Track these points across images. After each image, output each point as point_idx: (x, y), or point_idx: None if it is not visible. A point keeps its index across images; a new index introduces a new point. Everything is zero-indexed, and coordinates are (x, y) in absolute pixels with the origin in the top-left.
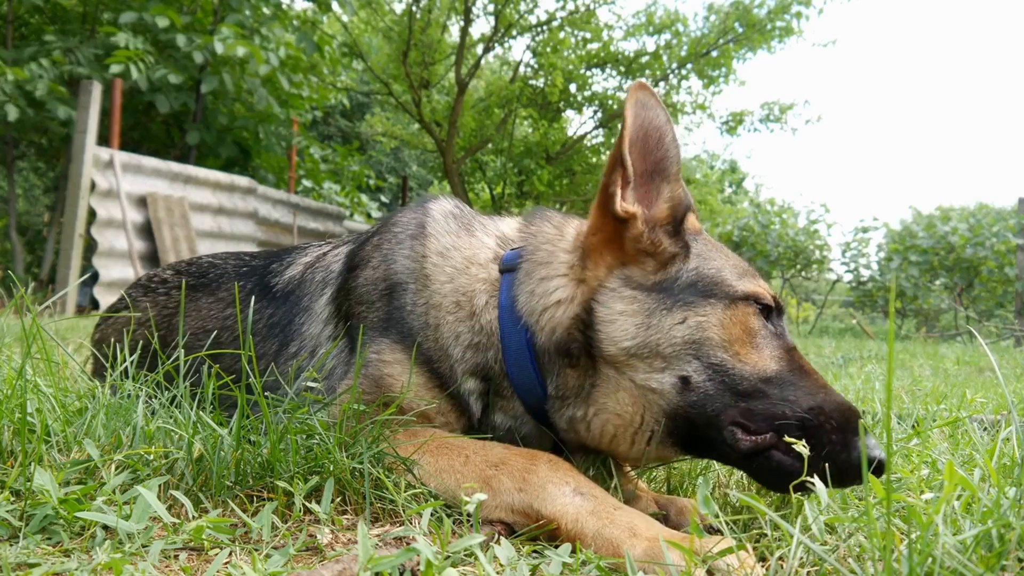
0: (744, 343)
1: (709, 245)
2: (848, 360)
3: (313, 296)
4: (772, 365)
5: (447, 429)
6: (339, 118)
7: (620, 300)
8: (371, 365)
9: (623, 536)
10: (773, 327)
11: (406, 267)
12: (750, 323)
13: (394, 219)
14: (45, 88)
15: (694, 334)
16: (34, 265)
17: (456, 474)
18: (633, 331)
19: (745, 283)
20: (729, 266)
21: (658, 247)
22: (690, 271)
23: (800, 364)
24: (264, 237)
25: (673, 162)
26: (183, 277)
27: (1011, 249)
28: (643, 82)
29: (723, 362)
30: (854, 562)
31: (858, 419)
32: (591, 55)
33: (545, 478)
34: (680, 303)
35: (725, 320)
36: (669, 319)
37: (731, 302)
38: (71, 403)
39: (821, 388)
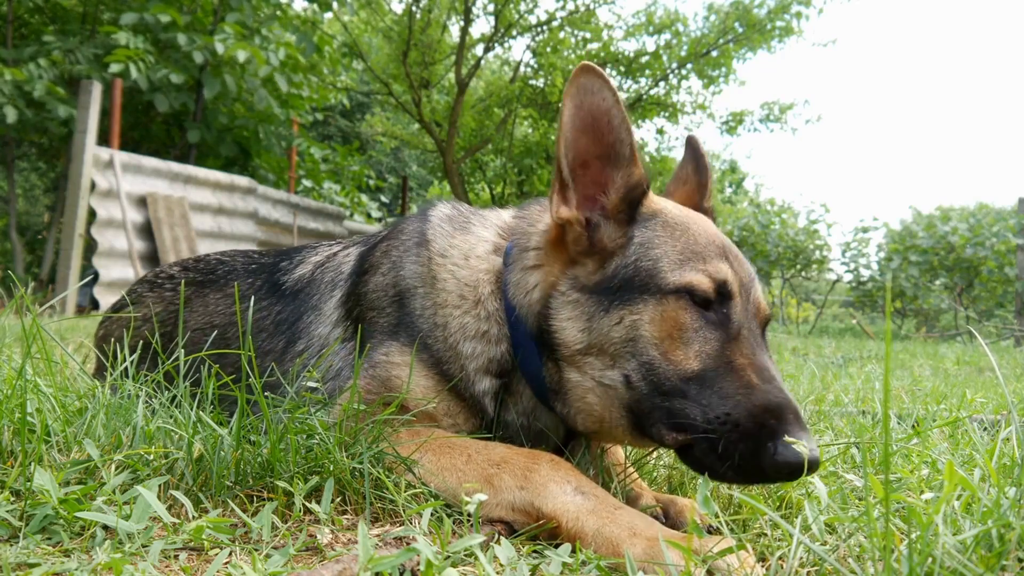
0: (674, 340)
1: (659, 229)
2: (848, 360)
3: (323, 296)
4: (695, 364)
5: (454, 431)
6: (339, 118)
7: (567, 305)
8: (380, 366)
9: (623, 535)
10: (714, 317)
11: (414, 272)
12: (680, 319)
13: (400, 227)
14: (44, 88)
15: (629, 333)
16: (34, 265)
17: (458, 473)
18: (579, 336)
19: (681, 273)
20: (672, 253)
21: (597, 246)
22: (627, 266)
23: (729, 360)
24: (264, 237)
25: (625, 145)
26: (190, 273)
27: (1011, 249)
28: (588, 64)
29: (652, 360)
30: (854, 562)
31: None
32: (591, 55)
33: (547, 477)
34: (617, 302)
35: (656, 317)
36: (607, 320)
37: (662, 297)
38: (71, 403)
39: (742, 389)
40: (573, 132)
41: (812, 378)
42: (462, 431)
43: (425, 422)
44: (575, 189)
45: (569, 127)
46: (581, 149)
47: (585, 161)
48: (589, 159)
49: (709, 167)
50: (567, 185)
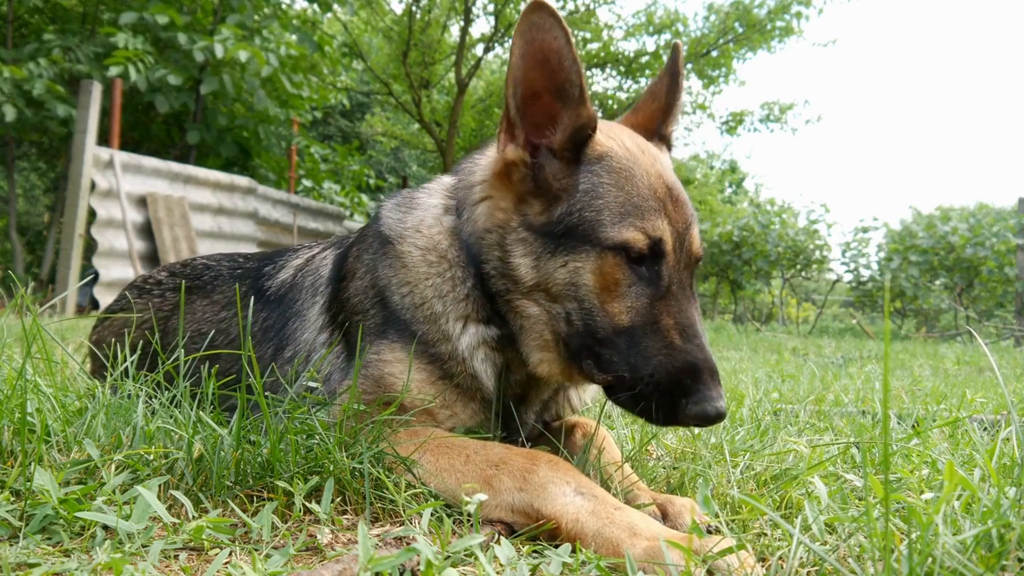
0: (610, 292)
1: (605, 175)
2: (848, 360)
3: (305, 302)
4: (626, 319)
5: (454, 423)
6: (339, 118)
7: (519, 242)
8: (371, 365)
9: (623, 536)
10: (646, 273)
11: (385, 269)
12: (616, 274)
13: (364, 232)
14: (43, 87)
15: (572, 278)
16: (34, 265)
17: (457, 473)
18: (530, 272)
19: (620, 229)
20: (613, 206)
21: (543, 186)
22: (572, 215)
23: (656, 319)
24: (264, 237)
25: (574, 86)
26: (178, 279)
27: (1011, 249)
28: (542, 2)
29: (591, 308)
30: (854, 562)
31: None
32: (591, 55)
33: (546, 478)
34: (562, 248)
35: (595, 269)
36: (553, 263)
37: (602, 251)
38: (71, 403)
39: (664, 349)
40: (523, 69)
41: (812, 378)
42: (463, 422)
43: (422, 418)
44: (522, 127)
45: (519, 64)
46: (531, 86)
47: (535, 93)
48: (539, 93)
49: (682, 87)
50: (514, 123)
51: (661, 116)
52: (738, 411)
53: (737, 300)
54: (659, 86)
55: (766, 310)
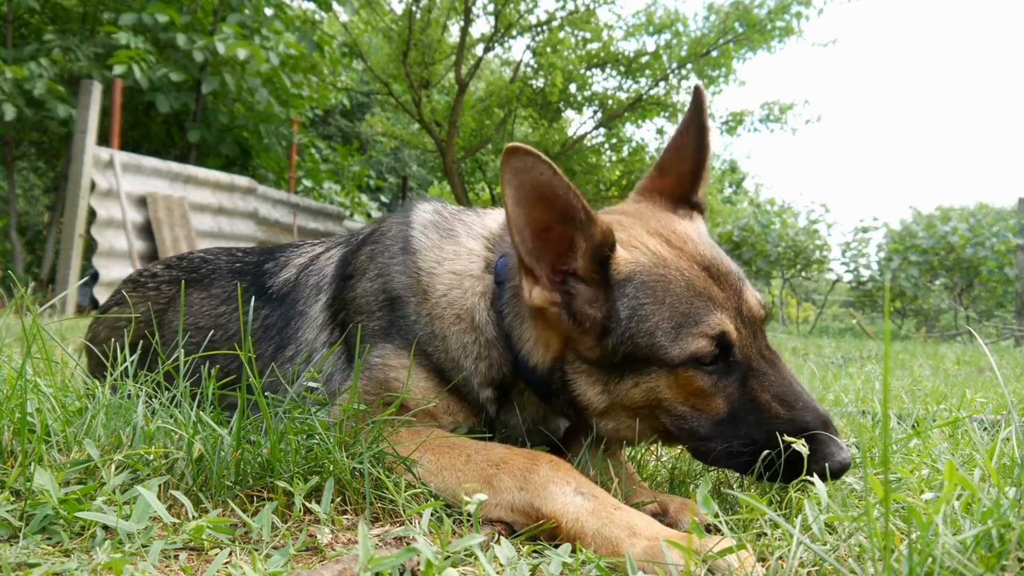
0: (697, 397)
1: (642, 295)
2: (848, 360)
3: (308, 301)
4: (724, 408)
5: (454, 427)
6: (339, 118)
7: (580, 374)
8: (376, 368)
9: (623, 535)
10: (724, 366)
11: (403, 283)
12: (696, 383)
13: (382, 229)
14: (44, 87)
15: (650, 396)
16: (34, 265)
17: (457, 473)
18: (600, 398)
19: (681, 345)
20: (664, 324)
21: (584, 323)
22: (624, 343)
23: (753, 398)
24: (264, 237)
25: (578, 210)
26: (174, 271)
27: (1011, 249)
28: (514, 145)
29: (683, 415)
30: (854, 562)
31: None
32: (591, 55)
33: (546, 477)
34: (628, 372)
35: (672, 384)
36: (623, 385)
37: (672, 370)
38: (71, 403)
39: (772, 420)
40: (521, 213)
41: (812, 378)
42: (462, 427)
43: (425, 420)
44: (540, 267)
45: (516, 210)
46: (536, 223)
47: (546, 227)
48: (548, 226)
49: (710, 143)
50: (531, 268)
51: (690, 181)
52: None
53: None
54: (683, 140)
55: None
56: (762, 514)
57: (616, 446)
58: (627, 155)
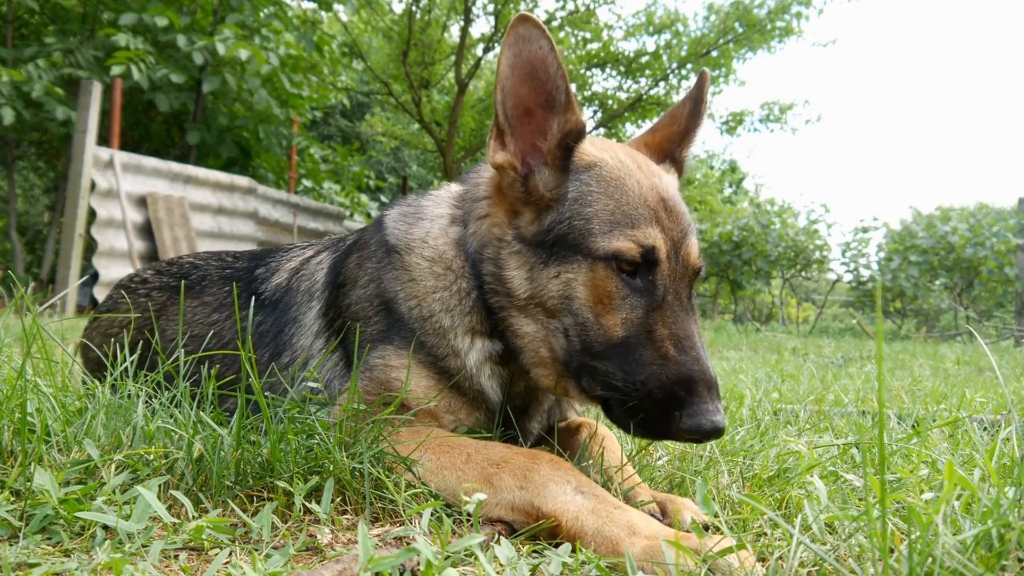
0: (604, 305)
1: (594, 184)
2: (848, 360)
3: (300, 307)
4: (620, 331)
5: (456, 424)
6: (339, 118)
7: (513, 255)
8: (377, 369)
9: (623, 534)
10: (639, 284)
11: (392, 278)
12: (608, 286)
13: (365, 237)
14: (42, 89)
15: (564, 290)
16: (34, 265)
17: (458, 472)
18: (524, 284)
19: (611, 239)
20: (603, 214)
21: (533, 193)
22: (562, 223)
23: (650, 330)
24: (264, 237)
25: (561, 91)
26: (164, 277)
27: (1011, 249)
28: (525, 14)
29: (585, 322)
30: (854, 562)
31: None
32: (591, 55)
33: (547, 476)
34: (554, 258)
35: (588, 280)
36: (545, 274)
37: (594, 261)
38: (71, 403)
39: (658, 360)
40: (511, 79)
41: (812, 378)
42: (463, 427)
43: (426, 420)
44: (514, 136)
45: (508, 74)
46: (521, 97)
47: (528, 109)
48: (531, 107)
49: (704, 114)
50: (503, 131)
51: (678, 139)
52: (738, 411)
53: (737, 300)
54: (680, 110)
55: (766, 310)
56: (762, 514)
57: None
58: None
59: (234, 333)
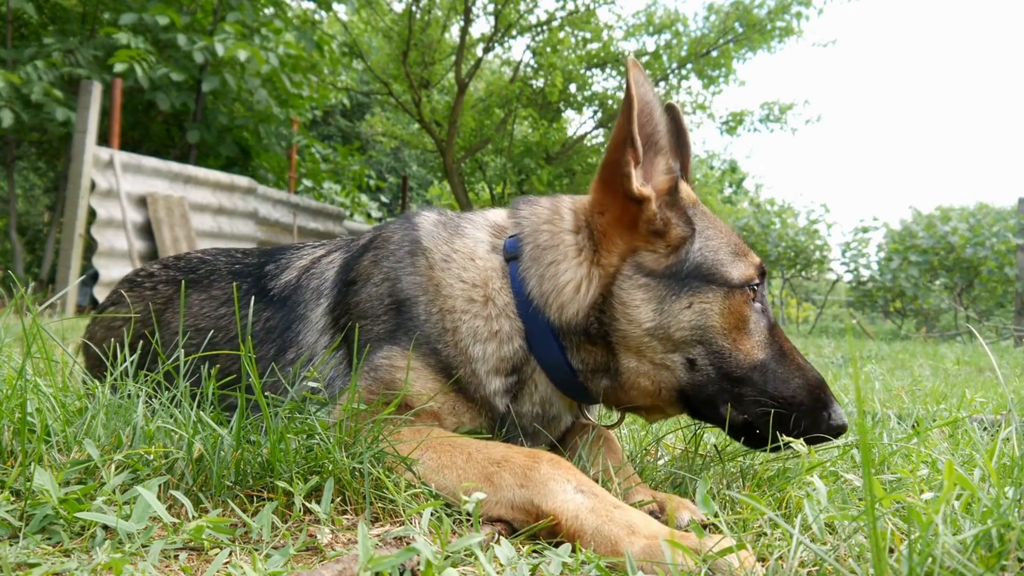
0: (740, 331)
1: (707, 219)
2: (848, 360)
3: (309, 304)
4: (760, 354)
5: (458, 426)
6: (339, 118)
7: (638, 288)
8: (382, 369)
9: (622, 534)
10: (759, 306)
11: (413, 283)
12: (745, 312)
13: (385, 235)
14: (41, 91)
15: (698, 320)
16: (34, 265)
17: (458, 470)
18: (650, 315)
19: (740, 267)
20: (725, 246)
21: (669, 228)
22: (695, 254)
23: (781, 346)
24: (264, 237)
25: (662, 134)
26: (171, 271)
27: (1011, 249)
28: (636, 60)
29: (722, 350)
30: (854, 562)
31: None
32: (591, 55)
33: (547, 475)
34: (687, 288)
35: (724, 309)
36: (677, 304)
37: (730, 290)
38: (71, 403)
39: (796, 371)
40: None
41: None
42: (465, 427)
43: (428, 420)
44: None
45: (639, 106)
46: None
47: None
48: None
49: (690, 143)
50: (640, 162)
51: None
52: None
53: None
54: None
55: None
56: (762, 514)
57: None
58: None
59: (242, 330)
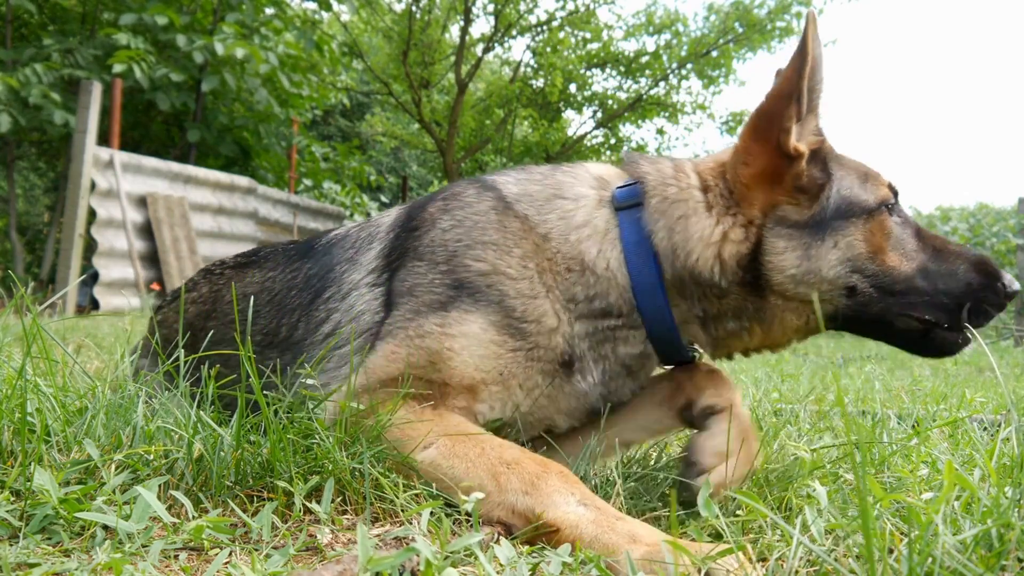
0: (887, 249)
1: (838, 161)
2: (848, 360)
3: (360, 249)
4: (914, 262)
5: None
6: (339, 118)
7: (779, 238)
8: (431, 337)
9: (622, 542)
10: (900, 217)
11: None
12: (887, 228)
13: (454, 190)
14: (39, 94)
15: (846, 253)
16: (34, 265)
17: (468, 463)
18: (796, 262)
19: (873, 191)
20: (856, 178)
21: (813, 182)
22: (833, 199)
23: (932, 245)
24: (264, 237)
25: (819, 94)
26: (239, 259)
27: (1011, 249)
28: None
29: (876, 272)
30: (854, 562)
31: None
32: (591, 55)
33: (553, 487)
34: (829, 230)
35: (868, 235)
36: (824, 247)
37: (868, 216)
38: (71, 403)
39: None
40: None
41: (812, 377)
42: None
43: (461, 401)
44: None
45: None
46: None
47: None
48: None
49: None
50: (802, 119)
51: None
52: None
53: None
54: None
55: None
56: (763, 515)
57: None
58: None
59: (282, 285)
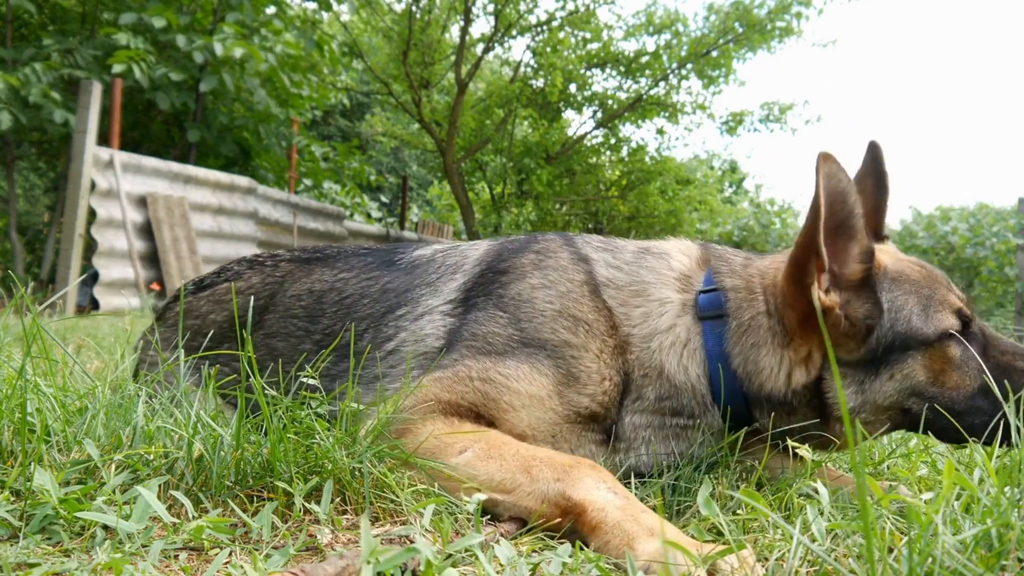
0: (949, 372)
1: (895, 289)
2: None
3: (442, 276)
4: (976, 383)
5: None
6: (339, 118)
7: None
8: (492, 384)
9: (641, 532)
10: (969, 338)
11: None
12: (948, 355)
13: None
14: (39, 93)
15: (903, 384)
16: (34, 265)
17: (501, 461)
18: (852, 396)
19: (934, 321)
20: (915, 307)
21: (856, 325)
22: (886, 334)
23: (999, 363)
24: (264, 237)
25: (857, 217)
26: (296, 253)
27: (1011, 249)
28: (828, 154)
29: (935, 396)
30: (854, 561)
31: None
32: (591, 55)
33: (584, 473)
34: (884, 365)
35: (927, 364)
36: (879, 381)
37: (927, 348)
38: (71, 403)
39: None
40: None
41: None
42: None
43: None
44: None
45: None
46: (829, 226)
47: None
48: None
49: (889, 186)
50: (825, 271)
51: (875, 218)
52: None
53: None
54: (863, 185)
55: None
56: (764, 516)
57: None
58: (627, 155)
59: (354, 290)
